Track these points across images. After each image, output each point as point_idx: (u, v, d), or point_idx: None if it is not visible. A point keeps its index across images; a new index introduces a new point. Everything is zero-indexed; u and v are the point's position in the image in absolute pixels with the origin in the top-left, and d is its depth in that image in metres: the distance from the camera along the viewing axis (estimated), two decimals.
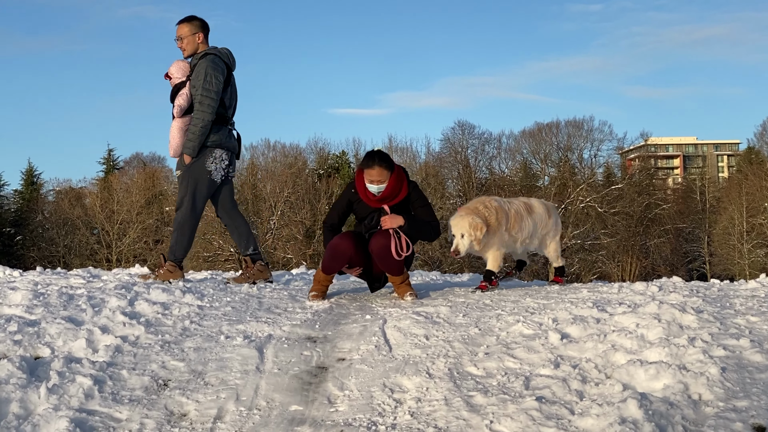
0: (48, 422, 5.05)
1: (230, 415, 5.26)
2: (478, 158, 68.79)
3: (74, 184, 75.94)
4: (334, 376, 5.90)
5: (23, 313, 7.18)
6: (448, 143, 68.92)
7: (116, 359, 6.14)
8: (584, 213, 61.21)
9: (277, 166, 66.47)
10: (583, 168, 66.35)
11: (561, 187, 62.35)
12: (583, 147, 66.78)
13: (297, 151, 69.31)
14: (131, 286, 8.47)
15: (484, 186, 66.33)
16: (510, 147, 70.33)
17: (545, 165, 68.06)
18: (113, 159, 78.38)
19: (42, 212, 71.30)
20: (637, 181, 66.35)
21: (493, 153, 69.85)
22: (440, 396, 5.36)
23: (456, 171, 67.69)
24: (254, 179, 65.45)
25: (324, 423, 5.12)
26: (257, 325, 7.10)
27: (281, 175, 64.10)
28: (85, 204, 69.52)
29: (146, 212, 66.01)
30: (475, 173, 66.92)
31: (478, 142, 68.83)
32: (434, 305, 7.71)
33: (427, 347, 6.37)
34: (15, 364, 5.69)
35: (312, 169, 69.29)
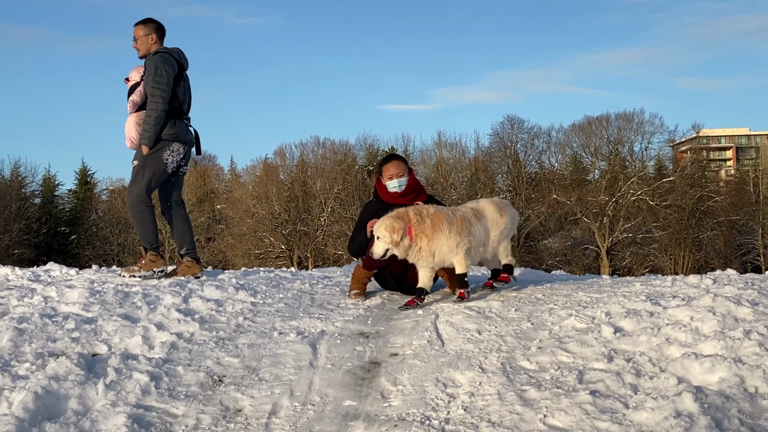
0: (106, 418, 5.12)
1: (284, 410, 5.30)
2: (527, 153, 68.52)
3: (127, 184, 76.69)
4: (387, 372, 5.92)
5: (80, 311, 7.29)
6: (497, 138, 68.72)
7: (172, 356, 6.21)
8: (635, 206, 60.70)
9: (327, 162, 66.59)
10: (634, 161, 65.76)
11: (612, 180, 61.88)
12: (634, 140, 66.19)
13: (346, 148, 69.42)
14: (185, 283, 8.56)
15: (534, 180, 66.03)
16: (560, 141, 69.95)
17: (595, 158, 67.55)
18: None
19: (96, 211, 72.05)
20: (689, 173, 65.62)
21: (542, 147, 69.55)
22: (493, 390, 5.35)
23: (506, 166, 67.43)
24: (304, 176, 65.67)
25: (378, 418, 5.13)
26: (310, 321, 7.15)
27: (331, 171, 64.26)
28: None
29: (198, 210, 66.47)
30: (525, 168, 66.62)
31: (528, 137, 68.57)
32: (486, 300, 7.70)
33: (479, 342, 6.37)
34: (73, 361, 5.78)
35: (361, 166, 69.31)
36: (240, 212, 63.15)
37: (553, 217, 62.83)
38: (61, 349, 6.31)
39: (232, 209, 64.65)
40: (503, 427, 4.81)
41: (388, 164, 8.51)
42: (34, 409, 5.11)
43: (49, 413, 5.17)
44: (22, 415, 5.01)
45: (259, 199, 62.61)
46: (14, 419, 4.95)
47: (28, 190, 71.38)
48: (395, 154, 8.74)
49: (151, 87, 9.14)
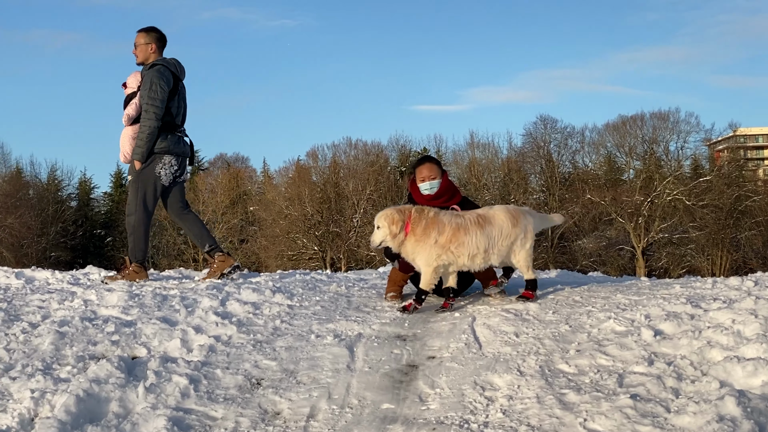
0: (146, 421, 5.15)
1: (323, 413, 5.30)
2: (561, 152, 68.20)
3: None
4: (425, 374, 5.91)
5: (120, 314, 7.34)
6: (530, 138, 68.45)
7: (210, 359, 6.23)
8: (671, 206, 60.25)
9: (359, 164, 66.62)
10: (670, 160, 65.25)
11: (647, 180, 61.45)
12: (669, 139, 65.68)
13: (378, 149, 69.38)
14: (222, 286, 8.60)
15: (567, 180, 65.72)
16: (593, 140, 69.55)
17: (630, 158, 67.12)
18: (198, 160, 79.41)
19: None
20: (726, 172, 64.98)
21: (576, 147, 69.20)
22: (532, 394, 5.33)
23: (539, 166, 67.16)
24: (337, 177, 65.75)
25: (416, 421, 5.13)
26: (347, 324, 7.16)
27: (363, 173, 64.28)
28: None
29: (231, 212, 66.75)
30: (559, 168, 66.35)
31: (561, 136, 68.24)
32: (523, 303, 7.67)
33: (517, 345, 6.35)
34: (113, 364, 5.82)
35: (394, 167, 69.26)
36: (273, 214, 63.32)
37: (588, 217, 62.48)
38: (101, 353, 6.36)
39: (265, 211, 64.83)
40: (542, 431, 4.79)
41: (421, 167, 8.51)
42: (76, 412, 5.16)
43: (91, 416, 5.22)
44: (64, 418, 5.06)
45: (291, 201, 62.76)
46: (57, 422, 5.00)
47: (64, 194, 72.02)
48: (428, 156, 8.73)
49: (145, 103, 9.25)
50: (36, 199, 66.63)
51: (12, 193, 62.27)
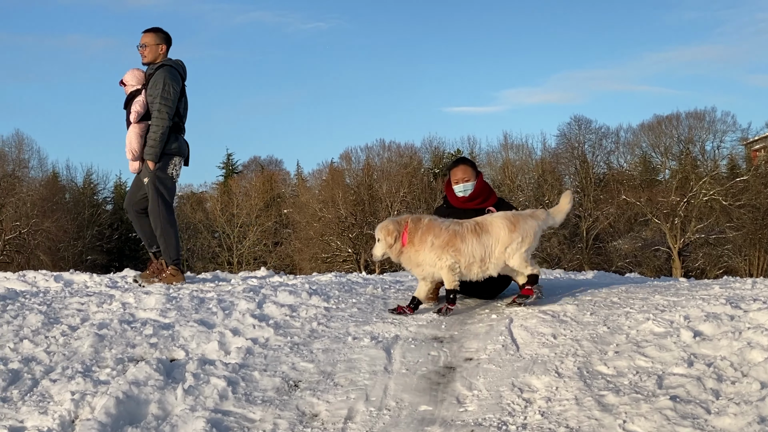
0: (185, 423, 5.18)
1: (360, 415, 5.31)
2: (595, 153, 67.73)
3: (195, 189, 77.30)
4: (462, 376, 5.90)
5: (158, 317, 7.39)
6: (564, 139, 68.04)
7: (248, 361, 6.26)
8: (708, 206, 59.69)
9: (393, 166, 66.53)
10: (706, 160, 64.64)
11: (683, 180, 60.94)
12: (706, 139, 65.04)
13: (412, 151, 69.20)
14: (259, 288, 8.63)
15: (602, 181, 65.34)
16: (628, 141, 68.98)
17: (665, 158, 66.58)
18: (232, 163, 79.74)
19: None
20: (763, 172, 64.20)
21: (611, 147, 68.66)
22: (570, 395, 5.31)
23: (573, 167, 66.80)
24: (370, 180, 65.72)
25: (454, 423, 5.12)
26: (384, 326, 7.16)
27: (397, 175, 64.22)
28: (206, 208, 70.90)
29: (265, 215, 66.93)
30: (593, 168, 65.92)
31: (595, 137, 67.77)
32: (560, 303, 7.64)
33: (555, 346, 6.32)
34: (152, 367, 5.86)
35: (427, 169, 69.14)
36: (307, 216, 63.42)
37: (623, 218, 62.07)
38: (140, 355, 6.40)
39: (299, 213, 64.94)
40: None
41: (455, 168, 8.52)
42: (116, 414, 5.20)
43: (130, 418, 5.26)
44: (104, 419, 5.10)
45: (325, 203, 62.84)
46: (97, 424, 5.04)
47: (100, 197, 72.51)
48: (463, 157, 8.73)
49: (158, 103, 9.31)
50: (72, 203, 67.16)
51: (49, 197, 62.76)
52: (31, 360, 6.25)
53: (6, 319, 7.29)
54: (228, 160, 79.73)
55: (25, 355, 6.39)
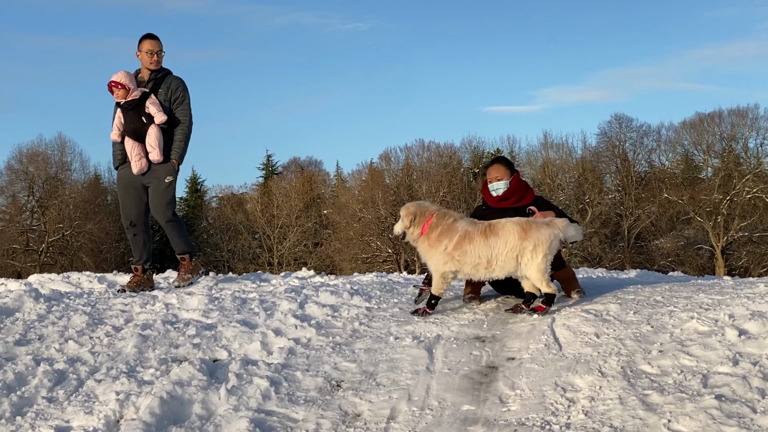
0: (229, 422, 5.22)
1: (403, 415, 5.31)
2: (636, 151, 67.28)
3: (236, 190, 77.67)
4: (505, 376, 5.89)
5: (200, 318, 7.44)
6: (605, 137, 67.64)
7: (290, 361, 6.28)
8: (751, 204, 59.07)
9: (432, 166, 66.44)
10: (749, 158, 63.96)
11: (725, 178, 60.38)
12: (749, 136, 64.33)
13: (451, 151, 69.02)
14: (300, 289, 8.66)
15: (643, 179, 64.89)
16: (670, 139, 68.45)
17: (708, 156, 65.95)
18: (272, 164, 79.90)
19: (206, 218, 73.37)
20: None
21: (652, 146, 68.17)
22: (614, 395, 5.28)
23: (614, 165, 66.37)
24: (410, 180, 65.70)
25: (497, 422, 5.11)
26: (425, 326, 7.15)
27: (436, 175, 64.14)
28: (246, 209, 71.11)
29: (305, 216, 67.09)
30: (634, 167, 65.49)
31: (637, 135, 67.33)
32: (603, 303, 7.58)
33: (598, 345, 6.29)
34: (195, 367, 5.91)
35: (467, 168, 68.96)
36: (346, 217, 63.50)
37: (665, 216, 61.61)
38: (183, 355, 6.45)
39: (339, 214, 65.03)
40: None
41: (490, 167, 8.54)
42: (160, 414, 5.24)
43: (174, 418, 5.30)
44: (148, 419, 5.14)
45: (365, 204, 62.88)
46: (141, 423, 5.09)
47: None
48: (500, 157, 8.71)
49: (182, 110, 9.47)
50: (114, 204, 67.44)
51: (91, 200, 63.31)
52: (76, 360, 6.31)
53: (51, 320, 7.37)
54: (268, 161, 79.91)
55: (70, 355, 6.46)
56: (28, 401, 5.61)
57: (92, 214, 61.03)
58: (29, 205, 63.45)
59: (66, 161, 65.03)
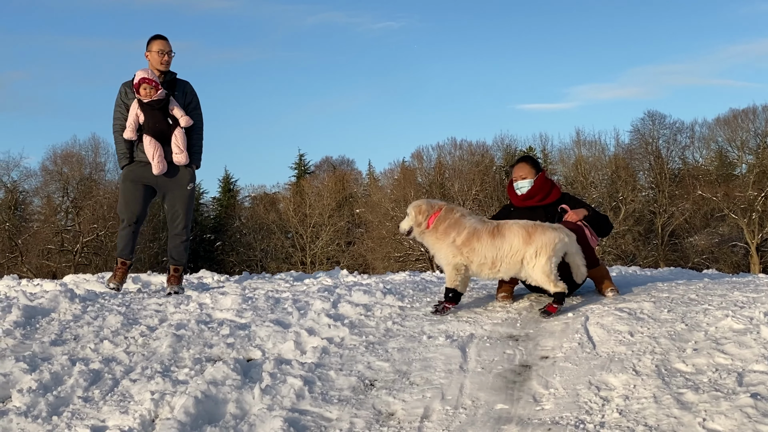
0: (263, 422, 5.24)
1: (437, 414, 5.32)
2: (670, 148, 66.90)
3: (268, 190, 77.95)
4: (538, 375, 5.88)
5: (234, 317, 7.48)
6: (637, 134, 67.32)
7: (323, 360, 6.30)
8: None
9: (464, 164, 66.38)
10: None
11: (760, 174, 59.87)
12: None
13: (484, 149, 68.94)
14: (333, 288, 8.68)
15: (677, 177, 64.49)
16: (704, 135, 68.06)
17: (742, 152, 65.47)
18: (304, 164, 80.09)
19: (239, 218, 73.66)
20: None
21: (686, 142, 67.79)
22: (648, 393, 5.26)
23: (647, 162, 66.02)
24: (442, 178, 65.69)
25: (530, 422, 5.10)
26: (458, 325, 7.14)
27: (468, 173, 64.08)
28: (279, 209, 71.36)
29: (337, 215, 67.21)
30: (668, 164, 65.12)
31: (670, 132, 66.95)
32: (637, 301, 7.54)
33: (631, 344, 6.26)
34: (230, 366, 5.94)
35: (499, 166, 68.79)
36: (379, 216, 63.55)
37: (699, 213, 61.22)
38: (217, 355, 6.49)
39: (371, 213, 65.11)
40: (660, 431, 4.72)
41: (515, 166, 8.56)
42: (195, 413, 5.28)
43: (209, 417, 5.33)
44: (183, 419, 5.18)
45: (397, 203, 62.87)
46: (176, 423, 5.12)
47: None
48: (525, 155, 8.72)
49: (198, 114, 9.53)
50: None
51: None
52: (111, 360, 6.36)
53: (86, 320, 7.44)
54: (300, 160, 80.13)
55: (105, 355, 6.51)
56: (64, 401, 5.67)
57: None
58: (64, 205, 64.00)
59: (100, 162, 65.50)
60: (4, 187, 62.19)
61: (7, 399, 5.76)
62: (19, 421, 5.34)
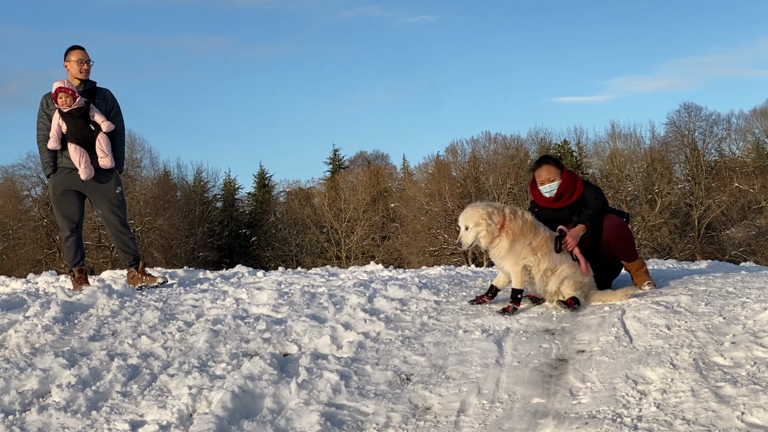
0: (300, 416, 5.26)
1: (473, 408, 5.31)
2: (706, 140, 66.42)
3: (303, 185, 78.14)
4: (575, 369, 5.85)
5: (270, 312, 7.52)
6: (673, 126, 66.90)
7: (360, 355, 6.32)
8: None
9: (499, 158, 66.24)
10: None
11: None
12: None
13: (518, 142, 68.77)
14: (369, 283, 8.69)
15: (713, 169, 64.00)
16: (740, 127, 67.54)
17: None
18: (339, 158, 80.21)
19: (274, 213, 73.88)
20: None
21: (722, 134, 67.28)
22: (686, 387, 5.22)
23: (683, 155, 65.57)
24: (476, 172, 65.58)
25: (567, 416, 5.09)
26: (494, 319, 7.13)
27: (503, 167, 63.94)
28: (314, 203, 71.51)
29: (372, 209, 67.25)
30: (704, 156, 64.64)
31: (706, 124, 66.48)
32: (674, 294, 7.49)
33: (669, 337, 6.22)
34: (266, 361, 5.97)
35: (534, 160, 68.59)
36: (413, 210, 63.57)
37: (736, 206, 60.74)
38: (254, 350, 6.53)
39: (406, 207, 65.12)
40: (698, 425, 4.69)
41: (539, 169, 8.33)
42: (232, 408, 5.31)
43: (246, 412, 5.36)
44: (221, 413, 5.21)
45: (432, 197, 62.90)
46: (214, 417, 5.15)
47: (210, 195, 73.72)
48: (545, 157, 8.54)
49: (119, 120, 9.77)
50: (183, 200, 68.47)
51: (161, 196, 64.12)
52: (149, 355, 6.42)
53: (124, 316, 7.51)
54: (334, 155, 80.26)
55: (143, 350, 6.58)
56: (103, 396, 5.73)
57: (162, 210, 61.82)
58: None
59: (136, 158, 65.90)
60: (42, 183, 62.67)
61: (47, 394, 5.84)
62: (58, 416, 5.40)
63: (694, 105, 67.02)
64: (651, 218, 58.63)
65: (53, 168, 9.52)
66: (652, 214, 58.29)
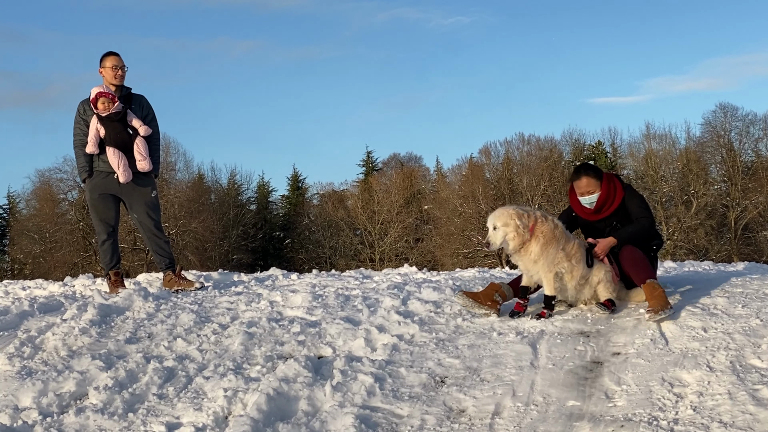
0: (334, 418, 5.28)
1: (508, 410, 5.31)
2: (742, 141, 65.81)
3: (336, 187, 78.18)
4: (610, 371, 5.83)
5: (304, 315, 7.54)
6: (709, 127, 66.34)
7: (394, 357, 6.32)
8: None
9: (533, 159, 65.98)
10: None
11: None
12: None
13: (552, 144, 68.40)
14: (403, 285, 8.70)
15: (750, 170, 63.44)
16: None
17: None
18: (372, 161, 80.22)
19: (308, 215, 74.00)
20: None
21: (759, 135, 66.57)
22: (723, 390, 5.20)
23: (719, 155, 65.04)
24: (510, 174, 65.40)
25: (603, 418, 5.07)
26: (529, 321, 7.11)
27: (537, 168, 63.69)
28: (347, 206, 71.59)
29: (405, 212, 67.23)
30: (740, 157, 64.06)
31: (742, 124, 65.84)
32: (710, 296, 7.42)
33: (705, 340, 6.18)
34: (301, 364, 5.99)
35: (568, 161, 68.25)
36: (447, 212, 63.48)
37: None
38: (288, 352, 6.55)
39: (439, 209, 65.05)
40: (736, 428, 4.68)
41: (578, 182, 8.05)
42: (267, 410, 5.34)
43: (281, 414, 5.39)
44: (256, 416, 5.24)
45: (465, 199, 62.78)
46: (249, 420, 5.18)
47: (244, 197, 74.00)
48: (584, 166, 8.19)
49: (155, 125, 9.86)
50: (217, 203, 68.74)
51: (195, 199, 64.42)
52: (184, 358, 6.47)
53: (160, 319, 7.56)
54: (368, 157, 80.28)
55: (179, 353, 6.62)
56: (139, 398, 5.78)
57: (196, 213, 62.12)
58: None
59: (171, 161, 66.20)
60: (78, 187, 63.20)
61: (84, 396, 5.90)
62: (95, 418, 5.46)
63: (731, 105, 66.44)
64: (687, 219, 58.22)
65: (89, 172, 9.59)
66: (688, 215, 57.86)
